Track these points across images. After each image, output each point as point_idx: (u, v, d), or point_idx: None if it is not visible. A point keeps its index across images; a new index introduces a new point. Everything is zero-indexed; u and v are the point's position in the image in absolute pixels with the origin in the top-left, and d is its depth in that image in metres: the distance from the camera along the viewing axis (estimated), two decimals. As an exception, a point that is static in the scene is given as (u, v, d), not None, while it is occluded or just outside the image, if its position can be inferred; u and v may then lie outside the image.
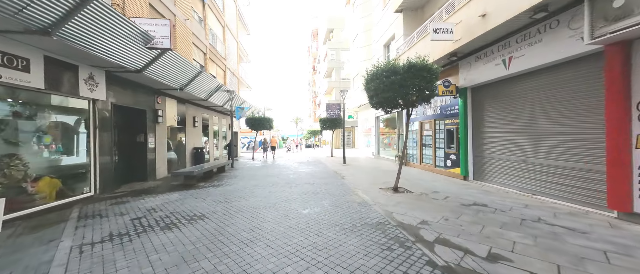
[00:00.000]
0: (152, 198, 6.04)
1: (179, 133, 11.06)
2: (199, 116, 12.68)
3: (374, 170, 10.19)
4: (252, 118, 17.10)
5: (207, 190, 6.89)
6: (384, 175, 8.98)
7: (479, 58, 6.68)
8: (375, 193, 6.16)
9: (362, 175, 9.09)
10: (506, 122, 6.18)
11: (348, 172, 9.79)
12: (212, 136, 14.77)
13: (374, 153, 16.29)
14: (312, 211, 4.71)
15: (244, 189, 6.90)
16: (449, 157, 8.24)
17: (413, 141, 10.90)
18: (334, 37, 33.96)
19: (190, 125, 11.68)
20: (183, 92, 9.21)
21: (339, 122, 18.00)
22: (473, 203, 5.01)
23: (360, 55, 17.33)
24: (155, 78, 7.27)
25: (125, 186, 7.54)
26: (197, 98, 10.95)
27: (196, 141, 12.37)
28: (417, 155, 10.48)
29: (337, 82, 33.44)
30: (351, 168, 11.18)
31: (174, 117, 10.30)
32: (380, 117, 15.73)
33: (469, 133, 7.34)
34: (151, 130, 8.67)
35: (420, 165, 10.14)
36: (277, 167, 12.09)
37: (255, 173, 10.02)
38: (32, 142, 5.00)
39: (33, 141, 5.01)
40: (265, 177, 8.99)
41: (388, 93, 5.56)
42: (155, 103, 8.90)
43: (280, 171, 10.63)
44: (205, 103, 12.33)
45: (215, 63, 13.90)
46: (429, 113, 9.37)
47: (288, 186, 7.12)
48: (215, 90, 11.23)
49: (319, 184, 7.41)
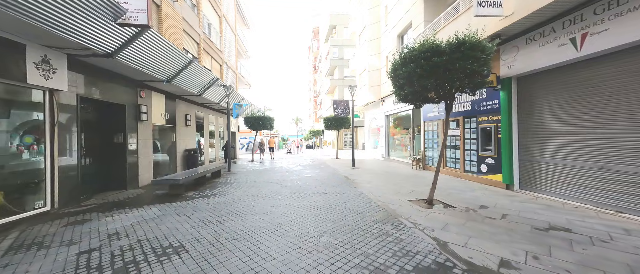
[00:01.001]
0: (124, 214, 4.74)
1: (169, 133, 9.77)
2: (192, 114, 11.39)
3: (390, 175, 8.91)
4: (251, 118, 15.80)
5: (195, 202, 5.59)
6: (404, 181, 7.69)
7: (531, 39, 5.40)
8: (406, 207, 4.87)
9: (378, 181, 7.80)
10: (575, 119, 4.89)
11: (361, 178, 8.51)
12: (207, 136, 13.47)
13: (383, 155, 15.02)
14: (333, 240, 3.42)
15: (241, 201, 5.61)
16: (484, 161, 6.96)
17: (433, 143, 9.62)
18: (337, 34, 32.73)
19: (181, 124, 10.39)
20: (171, 85, 7.92)
21: (345, 121, 16.72)
22: (549, 227, 3.72)
23: (367, 49, 16.07)
24: (135, 66, 5.97)
25: (98, 196, 6.24)
26: (189, 94, 9.66)
27: (189, 142, 11.07)
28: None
29: (339, 80, 32.20)
30: (363, 172, 9.89)
31: (162, 115, 9.01)
32: (390, 116, 14.47)
33: (515, 132, 6.07)
34: (132, 129, 7.37)
35: (443, 169, 8.86)
36: (279, 171, 10.80)
37: (255, 179, 8.73)
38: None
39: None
40: (267, 184, 7.69)
41: (427, 80, 4.29)
42: (138, 97, 7.60)
43: (283, 176, 9.34)
44: (199, 99, 11.05)
45: (211, 55, 12.62)
46: (456, 109, 8.10)
47: (295, 197, 5.83)
48: (209, 85, 9.95)
49: (332, 194, 6.13)
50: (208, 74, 9.40)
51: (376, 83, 15.59)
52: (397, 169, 10.59)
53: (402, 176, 8.57)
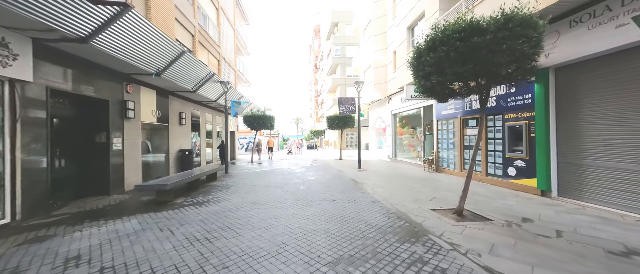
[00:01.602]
0: (97, 228, 3.96)
1: (160, 132, 8.99)
2: (187, 112, 10.62)
3: (402, 179, 8.12)
4: (251, 116, 15.03)
5: (184, 211, 4.81)
6: (419, 186, 6.91)
7: (578, 22, 4.62)
8: (433, 220, 4.09)
9: (391, 186, 7.02)
10: (636, 113, 4.10)
11: (371, 181, 7.72)
12: (204, 136, 12.70)
13: (390, 155, 14.23)
14: (354, 270, 2.64)
15: (238, 210, 4.82)
16: (513, 164, 6.17)
17: (449, 143, 8.83)
18: (339, 31, 31.97)
19: (175, 123, 9.61)
20: (162, 79, 7.15)
21: (349, 121, 15.94)
22: (628, 250, 2.94)
23: (372, 45, 15.31)
24: (117, 55, 5.20)
25: (75, 203, 5.46)
26: (183, 89, 8.89)
27: (183, 142, 10.29)
28: (456, 160, 8.41)
29: (342, 79, 31.44)
30: (371, 174, 9.11)
31: (153, 112, 8.24)
32: (397, 115, 13.69)
33: (552, 131, 5.28)
34: (117, 127, 6.60)
35: (461, 172, 8.08)
36: (281, 173, 10.02)
37: (255, 182, 7.95)
38: None
39: None
40: (267, 188, 6.91)
41: (464, 66, 3.50)
42: (123, 92, 6.83)
43: (285, 179, 8.56)
44: (195, 97, 10.28)
45: (207, 49, 11.85)
46: (476, 106, 7.32)
47: (300, 206, 5.05)
48: (205, 80, 9.17)
49: (342, 201, 5.35)
50: (203, 69, 8.63)
51: (382, 80, 14.82)
52: (407, 171, 9.80)
53: (415, 180, 7.78)
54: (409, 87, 9.56)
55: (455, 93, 4.58)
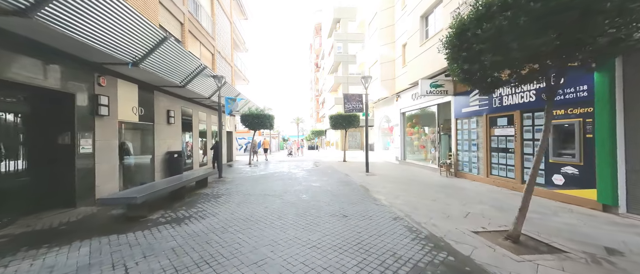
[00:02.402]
0: (29, 261, 2.93)
1: (145, 132, 7.97)
2: (177, 110, 9.59)
3: (418, 185, 7.07)
4: (249, 115, 14.00)
5: (156, 233, 3.78)
6: (443, 195, 5.86)
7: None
8: (484, 249, 3.04)
9: (410, 195, 5.97)
10: None
11: (384, 188, 6.68)
12: (197, 136, 11.68)
13: (398, 157, 13.19)
14: None
15: (224, 233, 3.79)
16: (560, 171, 5.12)
17: (471, 144, 7.77)
18: (341, 28, 30.94)
19: (162, 122, 8.59)
20: (143, 71, 6.14)
21: (354, 120, 14.89)
22: None
23: (379, 39, 14.28)
24: (77, 37, 4.18)
25: (27, 220, 4.42)
26: (170, 84, 7.87)
27: (172, 144, 9.27)
28: (480, 163, 7.37)
29: (344, 77, 30.43)
30: (382, 180, 8.06)
31: (134, 109, 7.21)
32: (407, 113, 12.65)
33: (619, 131, 4.24)
34: (86, 126, 5.57)
35: (487, 178, 7.03)
36: (280, 178, 8.98)
37: (250, 190, 6.92)
38: None
39: None
40: (264, 198, 5.88)
41: (542, 36, 2.46)
42: (95, 85, 5.80)
43: (285, 185, 7.52)
44: (186, 93, 9.26)
45: (200, 41, 10.82)
46: (509, 101, 6.27)
47: (303, 225, 4.01)
48: (195, 74, 8.15)
49: (355, 217, 4.31)
50: (193, 61, 7.60)
51: (389, 76, 13.78)
52: (421, 176, 8.75)
53: (435, 187, 6.73)
54: (425, 81, 8.52)
55: (500, 82, 3.56)
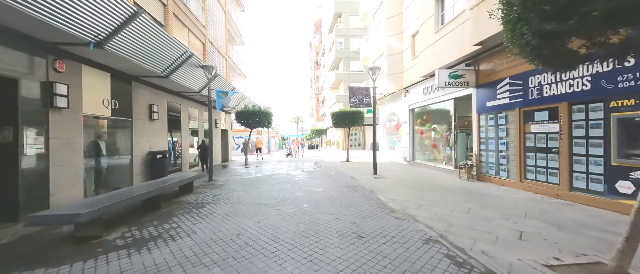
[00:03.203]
0: None
1: (121, 129, 6.91)
2: (162, 104, 8.53)
3: (441, 192, 6.03)
4: (245, 112, 12.94)
5: (101, 267, 2.73)
6: (476, 205, 4.82)
7: None
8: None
9: (434, 205, 4.93)
10: None
11: (399, 195, 5.63)
12: (187, 135, 10.62)
13: (406, 158, 12.15)
14: None
15: (198, 265, 2.73)
16: (628, 176, 4.08)
17: (500, 143, 6.73)
18: (342, 23, 29.85)
19: (142, 117, 7.53)
20: (112, 56, 5.08)
21: (358, 117, 13.84)
22: None
23: (385, 29, 13.22)
24: (9, 2, 3.12)
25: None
26: (150, 74, 6.81)
27: (156, 142, 8.21)
28: (511, 166, 6.33)
29: (345, 74, 29.38)
30: (394, 184, 7.02)
31: (106, 102, 6.15)
32: (417, 109, 11.61)
33: None
34: (35, 120, 4.50)
35: (520, 183, 5.99)
36: (278, 181, 7.93)
37: (242, 197, 5.87)
38: None
39: None
40: (258, 208, 4.83)
41: None
42: (48, 70, 4.73)
43: (282, 190, 6.46)
44: (173, 85, 8.21)
45: (188, 28, 9.74)
46: (552, 91, 5.23)
47: (305, 251, 2.96)
48: (180, 62, 7.09)
49: (372, 237, 3.26)
50: (176, 46, 6.54)
51: (397, 69, 12.73)
52: (437, 179, 7.71)
53: (460, 194, 5.69)
54: (443, 71, 7.47)
55: (578, 58, 2.53)
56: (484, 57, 6.97)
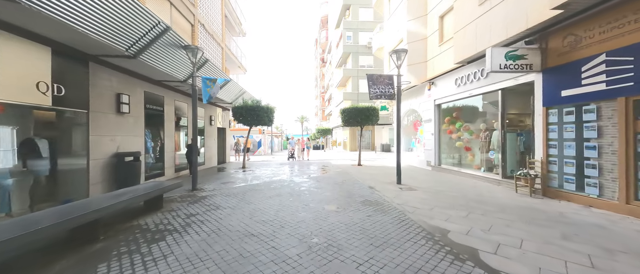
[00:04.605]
0: None
1: (71, 123, 5.28)
2: (136, 94, 6.90)
3: (505, 215, 4.22)
4: (242, 108, 11.28)
5: None
6: (578, 243, 3.02)
7: None
8: None
9: (526, 249, 3.14)
10: None
11: (451, 221, 3.84)
12: (172, 132, 8.99)
13: (431, 162, 10.31)
14: None
15: None
16: None
17: (582, 147, 4.87)
18: (351, 16, 28.04)
19: (105, 109, 5.90)
20: (49, 22, 3.43)
21: (372, 114, 12.01)
22: None
23: (405, 13, 11.39)
24: None
25: None
26: (113, 52, 5.17)
27: (126, 142, 6.58)
28: (604, 179, 4.48)
29: (354, 70, 27.58)
30: (431, 200, 5.22)
31: (43, 85, 4.52)
32: (444, 104, 9.79)
33: None
34: None
35: (624, 205, 4.13)
36: (278, 192, 6.20)
37: (224, 219, 4.16)
38: None
39: None
40: (243, 243, 3.11)
41: None
42: None
43: (281, 207, 4.73)
44: (152, 72, 6.58)
45: (169, 0, 8.06)
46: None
47: None
48: (153, 37, 5.45)
49: None
50: (146, 17, 4.89)
51: (419, 59, 10.90)
52: (484, 192, 5.88)
53: (540, 222, 3.87)
54: (498, 50, 5.64)
55: None
56: (558, 29, 5.11)
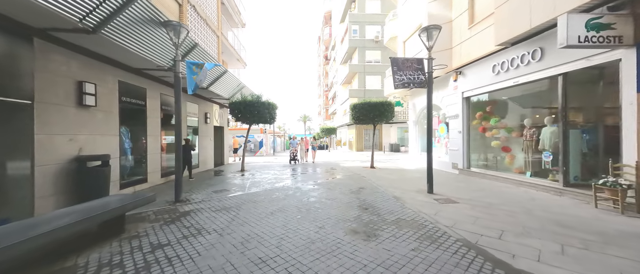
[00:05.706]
0: None
1: (7, 117, 3.98)
2: (105, 82, 5.60)
3: (611, 247, 2.84)
4: (240, 103, 9.97)
5: None
6: None
7: None
8: None
9: None
10: None
11: (555, 268, 2.48)
12: (157, 131, 7.70)
13: (458, 165, 8.91)
14: None
15: None
16: None
17: None
18: (357, 8, 26.60)
19: (59, 100, 4.60)
20: None
21: (387, 110, 10.61)
22: None
23: (424, -5, 9.98)
24: None
25: None
26: (64, 25, 3.86)
27: (92, 142, 5.29)
28: None
29: (360, 66, 26.15)
30: (485, 217, 3.84)
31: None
32: (474, 97, 8.39)
33: None
34: None
35: None
36: (280, 207, 4.86)
37: (202, 257, 2.83)
38: None
39: None
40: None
41: None
42: None
43: (285, 234, 3.39)
44: (127, 57, 5.28)
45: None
46: None
47: None
48: (120, 5, 4.13)
49: None
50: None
51: (443, 46, 9.49)
52: (552, 207, 4.49)
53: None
54: (576, 17, 4.23)
55: None
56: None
